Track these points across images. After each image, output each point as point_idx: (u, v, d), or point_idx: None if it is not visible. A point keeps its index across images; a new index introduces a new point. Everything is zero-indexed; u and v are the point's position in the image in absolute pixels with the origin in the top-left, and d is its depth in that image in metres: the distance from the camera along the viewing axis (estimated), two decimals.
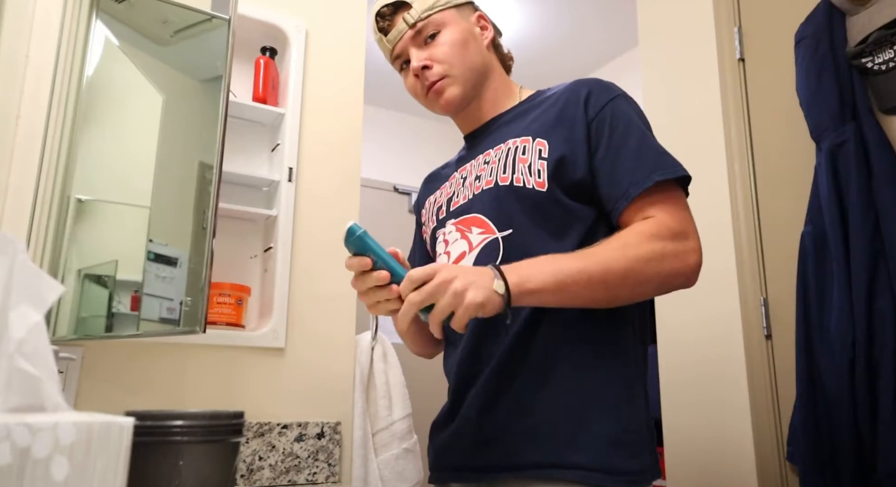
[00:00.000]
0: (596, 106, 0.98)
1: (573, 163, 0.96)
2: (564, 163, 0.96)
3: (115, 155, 1.28)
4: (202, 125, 1.15)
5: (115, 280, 1.19)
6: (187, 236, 1.16)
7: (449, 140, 4.23)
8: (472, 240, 1.01)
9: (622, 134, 0.96)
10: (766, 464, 1.58)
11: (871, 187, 1.40)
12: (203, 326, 1.03)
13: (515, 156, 1.00)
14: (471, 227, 1.02)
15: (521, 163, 0.99)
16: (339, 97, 1.67)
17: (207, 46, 1.21)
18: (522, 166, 0.99)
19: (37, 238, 1.21)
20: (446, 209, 1.10)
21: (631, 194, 0.92)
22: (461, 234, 1.04)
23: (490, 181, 1.02)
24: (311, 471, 1.41)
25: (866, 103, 1.45)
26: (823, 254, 1.47)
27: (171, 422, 0.93)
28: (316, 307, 1.52)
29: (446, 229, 1.07)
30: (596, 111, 0.98)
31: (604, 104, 0.98)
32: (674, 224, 0.90)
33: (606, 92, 1.00)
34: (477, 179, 1.05)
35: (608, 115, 0.97)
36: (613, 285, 0.87)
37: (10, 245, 0.55)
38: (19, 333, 0.50)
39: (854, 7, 1.49)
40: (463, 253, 1.01)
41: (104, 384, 1.26)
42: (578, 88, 1.01)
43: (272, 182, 1.55)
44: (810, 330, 1.47)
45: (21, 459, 0.40)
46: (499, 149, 1.04)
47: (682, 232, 0.90)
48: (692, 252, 0.90)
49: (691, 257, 0.90)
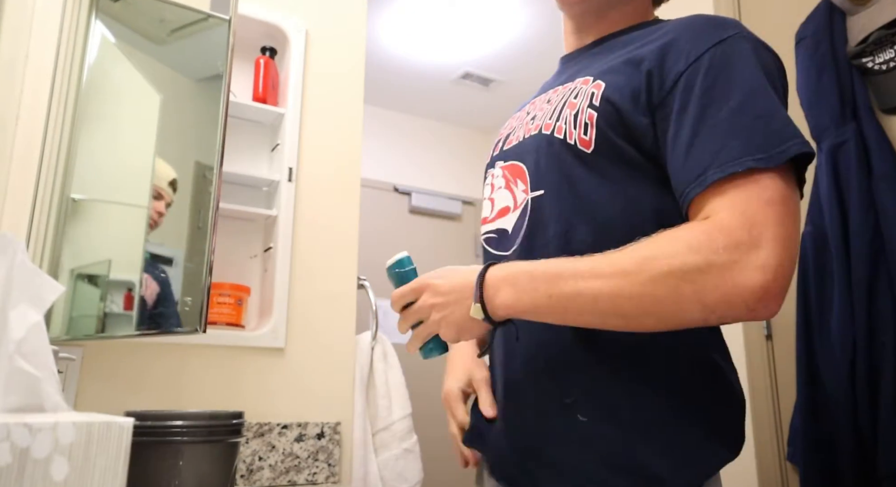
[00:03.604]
0: (690, 55, 0.73)
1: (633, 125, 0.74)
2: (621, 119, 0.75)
3: (110, 154, 1.27)
4: (200, 125, 1.15)
5: (109, 280, 1.19)
6: (183, 236, 1.15)
7: (449, 140, 4.23)
8: (516, 196, 0.85)
9: (717, 94, 0.70)
10: (766, 464, 1.58)
11: (871, 187, 1.40)
12: (203, 326, 1.03)
13: (567, 100, 0.82)
14: (516, 179, 0.86)
15: (568, 109, 0.80)
16: (339, 97, 1.67)
17: (205, 45, 1.21)
18: (569, 114, 0.79)
19: (36, 238, 1.21)
20: (501, 146, 0.92)
21: (706, 180, 0.67)
22: (506, 183, 0.88)
23: (537, 126, 0.84)
24: (311, 471, 1.41)
25: (867, 103, 1.45)
26: (823, 254, 1.46)
27: (170, 422, 0.93)
28: (316, 307, 1.52)
29: (495, 172, 0.91)
30: (689, 62, 0.72)
31: (701, 52, 0.72)
32: (736, 227, 0.63)
33: (709, 34, 0.74)
34: (532, 120, 0.87)
35: (703, 66, 0.71)
36: (631, 314, 0.66)
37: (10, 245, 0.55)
38: (19, 333, 0.50)
39: (854, 7, 1.49)
40: (507, 208, 0.86)
41: (104, 384, 1.26)
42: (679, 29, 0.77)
43: (272, 182, 1.55)
44: (810, 330, 1.47)
45: (21, 459, 0.40)
46: (566, 88, 0.85)
47: (744, 240, 0.62)
48: (754, 269, 0.62)
49: (751, 275, 0.62)
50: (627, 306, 0.66)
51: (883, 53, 1.42)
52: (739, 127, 0.67)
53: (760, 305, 0.63)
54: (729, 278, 0.62)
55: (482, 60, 3.40)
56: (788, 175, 0.67)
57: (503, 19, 3.04)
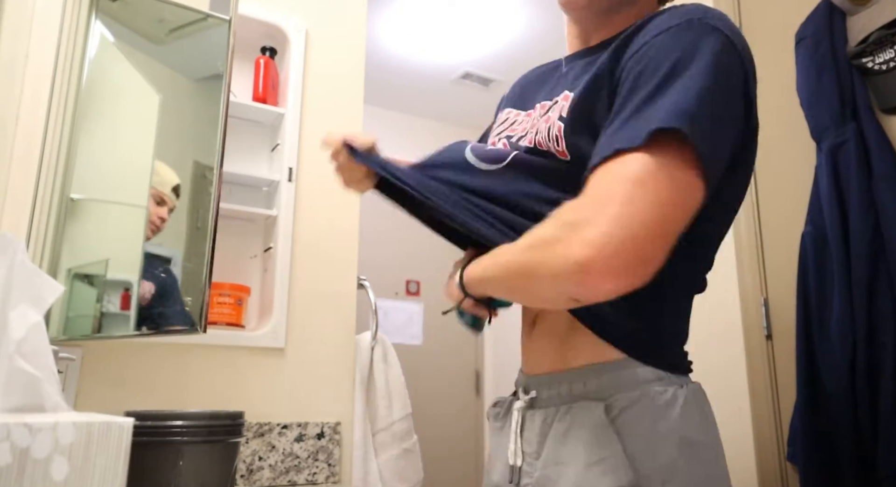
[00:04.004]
0: (637, 43, 0.71)
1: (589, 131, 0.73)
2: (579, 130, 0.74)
3: (109, 154, 1.27)
4: (200, 125, 1.15)
5: (106, 280, 1.19)
6: (182, 236, 1.16)
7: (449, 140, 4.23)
8: None
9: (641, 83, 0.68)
10: (766, 464, 1.58)
11: (871, 187, 1.40)
12: (203, 326, 1.03)
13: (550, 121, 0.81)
14: None
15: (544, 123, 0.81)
16: (339, 97, 1.67)
17: (205, 46, 1.21)
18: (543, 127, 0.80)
19: (36, 238, 1.21)
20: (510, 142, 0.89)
21: (591, 165, 0.67)
22: None
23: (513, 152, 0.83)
24: (311, 471, 1.41)
25: (867, 103, 1.45)
26: (823, 254, 1.46)
27: (170, 422, 0.93)
28: (316, 308, 1.51)
29: None
30: (633, 52, 0.71)
31: (647, 40, 0.70)
32: (582, 204, 0.65)
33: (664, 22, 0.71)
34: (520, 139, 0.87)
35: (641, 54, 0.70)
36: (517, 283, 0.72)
37: (10, 245, 0.55)
38: (19, 333, 0.50)
39: (854, 7, 1.49)
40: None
41: (104, 384, 1.26)
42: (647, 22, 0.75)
43: (272, 182, 1.55)
44: (811, 330, 1.47)
45: (21, 459, 0.40)
46: (544, 106, 0.84)
47: (582, 216, 0.63)
48: (577, 244, 0.61)
49: (573, 250, 0.61)
50: (515, 273, 0.71)
51: (883, 53, 1.42)
52: (637, 116, 0.66)
53: (583, 280, 0.62)
54: (559, 250, 0.63)
55: (482, 60, 3.40)
56: (664, 156, 0.63)
57: (503, 19, 3.04)
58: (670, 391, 0.72)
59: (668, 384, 0.73)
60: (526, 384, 0.84)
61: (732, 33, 0.70)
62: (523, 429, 0.80)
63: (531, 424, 0.79)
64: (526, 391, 0.82)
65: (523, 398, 0.81)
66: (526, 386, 0.83)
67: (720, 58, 0.68)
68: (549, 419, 0.77)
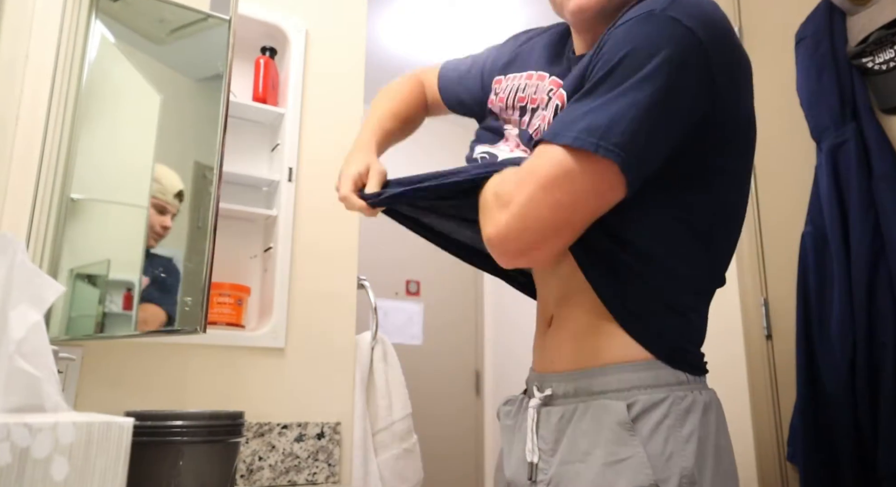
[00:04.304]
0: (605, 35, 0.74)
1: None
2: None
3: (110, 154, 1.28)
4: (200, 125, 1.15)
5: (108, 280, 1.19)
6: (183, 236, 1.16)
7: (449, 140, 4.23)
8: None
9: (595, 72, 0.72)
10: (766, 464, 1.58)
11: (871, 187, 1.40)
12: (203, 326, 1.03)
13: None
14: None
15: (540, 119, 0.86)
16: (339, 97, 1.67)
17: (205, 46, 1.21)
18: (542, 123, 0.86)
19: (36, 238, 1.21)
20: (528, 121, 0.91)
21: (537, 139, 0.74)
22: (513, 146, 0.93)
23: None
24: (311, 471, 1.41)
25: (867, 103, 1.45)
26: (823, 254, 1.46)
27: (170, 422, 0.93)
28: (316, 307, 1.51)
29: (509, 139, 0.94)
30: (600, 44, 0.74)
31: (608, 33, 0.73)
32: (510, 179, 0.73)
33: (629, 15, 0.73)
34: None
35: (600, 49, 0.73)
36: None
37: (10, 245, 0.55)
38: (19, 333, 0.50)
39: (854, 7, 1.49)
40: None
41: (104, 384, 1.26)
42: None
43: (272, 182, 1.55)
44: (810, 330, 1.47)
45: (21, 459, 0.40)
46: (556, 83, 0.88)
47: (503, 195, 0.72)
48: (490, 222, 0.73)
49: (488, 225, 0.74)
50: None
51: (883, 53, 1.42)
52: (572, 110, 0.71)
53: (492, 250, 0.74)
54: (485, 219, 0.75)
55: None
56: (576, 160, 0.68)
57: (503, 19, 3.04)
58: (691, 395, 0.74)
59: (690, 388, 0.75)
60: (540, 382, 0.84)
61: (697, 23, 0.70)
62: (538, 426, 0.80)
63: (546, 421, 0.80)
64: (540, 388, 0.82)
65: (538, 396, 0.81)
66: (540, 384, 0.83)
67: (671, 55, 0.68)
68: (566, 416, 0.77)
